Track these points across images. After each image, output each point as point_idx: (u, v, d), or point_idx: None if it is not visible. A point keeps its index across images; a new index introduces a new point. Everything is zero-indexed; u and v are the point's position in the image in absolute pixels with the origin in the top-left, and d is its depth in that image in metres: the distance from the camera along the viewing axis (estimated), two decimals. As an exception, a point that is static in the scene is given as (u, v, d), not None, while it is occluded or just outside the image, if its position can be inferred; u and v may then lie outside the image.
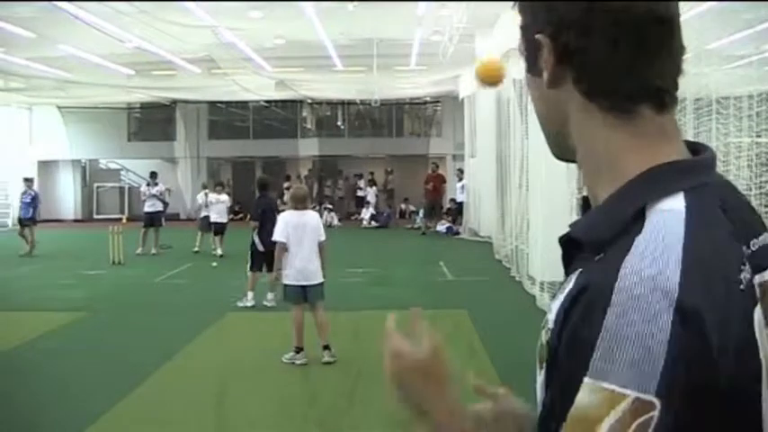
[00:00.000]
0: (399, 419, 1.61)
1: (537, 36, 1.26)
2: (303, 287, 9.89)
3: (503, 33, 17.88)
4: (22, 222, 22.82)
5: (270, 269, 13.98)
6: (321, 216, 15.12)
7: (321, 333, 10.03)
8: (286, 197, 23.55)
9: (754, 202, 7.05)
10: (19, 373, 9.89)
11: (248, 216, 15.82)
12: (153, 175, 24.06)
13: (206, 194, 23.18)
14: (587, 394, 1.07)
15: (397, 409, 1.59)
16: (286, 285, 10.00)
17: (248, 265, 14.25)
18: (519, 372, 8.00)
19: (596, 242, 1.19)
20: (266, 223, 14.06)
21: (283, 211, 11.69)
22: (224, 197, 22.21)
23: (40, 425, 7.90)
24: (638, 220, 1.16)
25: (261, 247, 13.99)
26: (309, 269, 9.91)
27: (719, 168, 6.67)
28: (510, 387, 1.83)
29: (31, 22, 19.69)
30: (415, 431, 1.56)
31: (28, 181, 24.54)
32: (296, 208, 10.17)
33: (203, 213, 22.73)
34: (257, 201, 14.74)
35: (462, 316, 12.83)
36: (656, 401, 1.03)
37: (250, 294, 14.10)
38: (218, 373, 9.76)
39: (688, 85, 8.87)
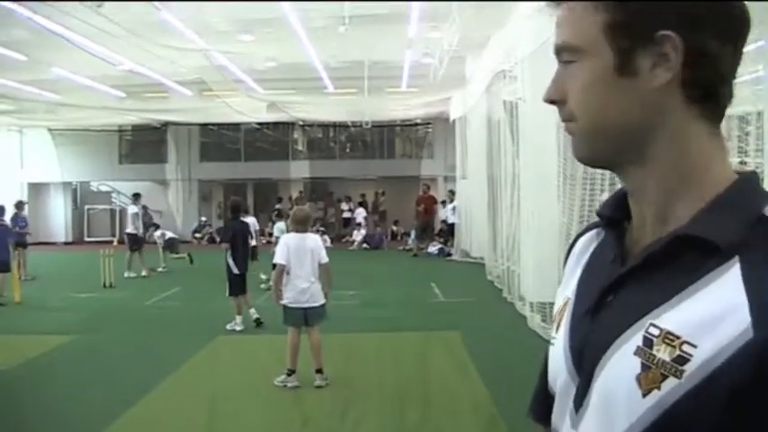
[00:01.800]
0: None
1: (663, 33, 1.22)
2: (304, 309, 9.86)
3: (493, 56, 17.99)
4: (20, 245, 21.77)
5: (244, 293, 14.05)
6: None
7: (315, 356, 10.00)
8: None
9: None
10: (10, 397, 9.84)
11: (220, 240, 15.89)
12: (135, 196, 24.03)
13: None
14: None
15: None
16: (285, 308, 9.95)
17: (227, 292, 14.24)
18: (511, 392, 8.02)
19: (729, 244, 1.17)
20: (238, 246, 14.11)
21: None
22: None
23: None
24: (763, 223, 1.18)
25: (236, 270, 14.02)
26: (311, 291, 9.86)
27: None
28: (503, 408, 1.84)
29: (22, 45, 19.73)
30: None
31: (22, 204, 24.27)
32: (297, 230, 10.13)
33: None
34: (229, 224, 14.76)
35: (454, 337, 12.83)
36: None
37: (238, 318, 14.08)
38: (210, 395, 9.72)
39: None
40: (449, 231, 29.56)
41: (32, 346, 12.70)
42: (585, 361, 1.31)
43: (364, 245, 33.03)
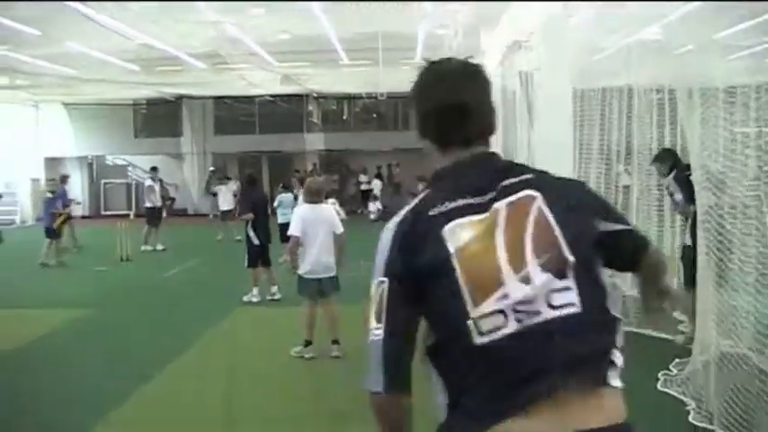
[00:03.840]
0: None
1: None
2: (319, 280, 9.90)
3: (508, 26, 17.90)
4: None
5: (265, 264, 14.03)
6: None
7: (331, 327, 10.06)
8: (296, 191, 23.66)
9: (762, 190, 6.99)
10: (29, 370, 9.94)
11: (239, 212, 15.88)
12: (152, 169, 24.07)
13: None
14: None
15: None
16: (300, 278, 10.00)
17: (245, 262, 14.28)
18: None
19: None
20: (258, 217, 14.11)
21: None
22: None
23: (50, 421, 7.94)
24: None
25: (256, 241, 14.05)
26: (324, 262, 9.92)
27: (726, 157, 6.62)
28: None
29: (37, 20, 19.71)
30: None
31: (65, 178, 24.56)
32: (311, 202, 10.15)
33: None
34: (246, 195, 14.75)
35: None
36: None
37: (255, 290, 14.15)
38: (228, 366, 9.81)
39: (694, 76, 8.87)
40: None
41: (50, 320, 12.83)
42: None
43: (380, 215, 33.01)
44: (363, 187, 36.98)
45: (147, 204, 22.94)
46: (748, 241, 7.10)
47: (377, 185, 35.38)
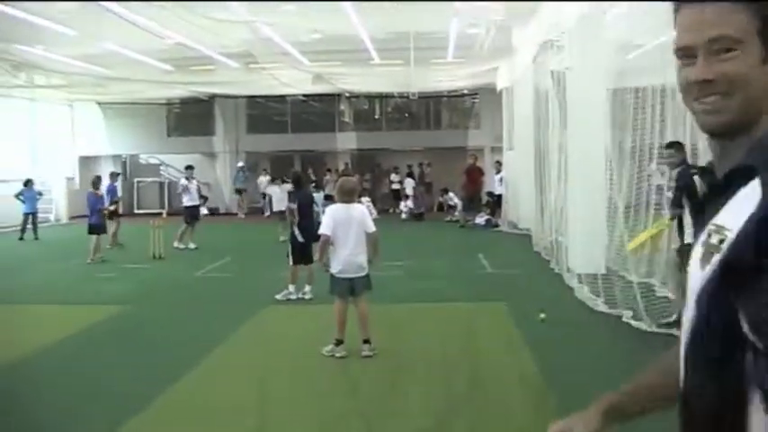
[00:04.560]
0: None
1: None
2: (350, 279, 9.93)
3: (540, 25, 17.85)
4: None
5: (307, 262, 14.08)
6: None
7: (362, 326, 10.06)
8: (328, 189, 23.74)
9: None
10: (64, 366, 10.03)
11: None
12: (189, 168, 24.17)
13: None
14: None
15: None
16: (332, 277, 10.03)
17: (290, 259, 14.32)
18: (558, 363, 8.02)
19: (758, 165, 1.62)
20: (304, 216, 14.20)
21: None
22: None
23: (83, 415, 8.00)
24: None
25: (301, 239, 14.10)
26: (356, 262, 9.93)
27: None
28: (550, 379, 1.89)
29: (71, 20, 19.94)
30: None
31: (114, 175, 24.93)
32: (343, 201, 10.16)
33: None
34: (293, 194, 14.79)
35: (501, 308, 12.84)
36: None
37: (291, 287, 14.20)
38: (259, 365, 9.83)
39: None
40: (495, 203, 29.46)
41: (83, 317, 12.94)
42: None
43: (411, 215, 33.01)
44: (395, 186, 36.99)
45: (186, 203, 22.97)
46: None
47: (409, 184, 35.38)
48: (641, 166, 12.45)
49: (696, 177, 9.80)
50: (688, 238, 9.84)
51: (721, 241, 1.63)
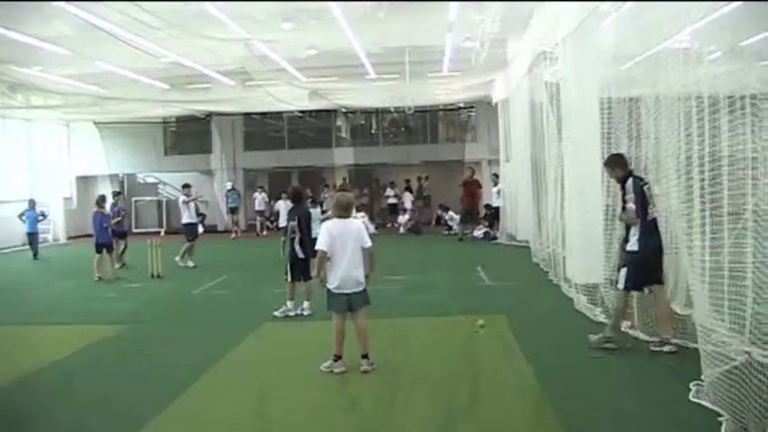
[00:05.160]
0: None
1: None
2: (348, 295, 9.91)
3: (534, 37, 17.89)
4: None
5: (306, 278, 14.09)
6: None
7: (361, 341, 10.05)
8: (326, 205, 23.73)
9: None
10: (63, 385, 10.00)
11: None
12: (186, 186, 24.18)
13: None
14: None
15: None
16: (329, 293, 10.02)
17: (288, 275, 14.32)
18: (557, 375, 8.04)
19: None
20: (303, 232, 14.22)
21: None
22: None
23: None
24: None
25: (301, 255, 14.12)
26: (354, 277, 9.91)
27: (754, 168, 6.59)
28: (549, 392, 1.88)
29: (67, 41, 19.97)
30: None
31: (116, 195, 24.98)
32: (339, 216, 10.15)
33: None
34: (293, 210, 14.79)
35: (500, 320, 12.82)
36: None
37: (290, 303, 14.20)
38: (257, 382, 9.81)
39: (722, 84, 8.82)
40: (493, 215, 29.47)
41: (82, 337, 12.91)
42: None
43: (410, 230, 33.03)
44: (390, 201, 37.04)
45: (185, 220, 22.98)
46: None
47: (407, 198, 35.42)
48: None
49: (646, 188, 10.46)
50: (631, 247, 10.42)
51: None
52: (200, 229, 25.01)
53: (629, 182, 10.60)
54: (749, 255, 7.76)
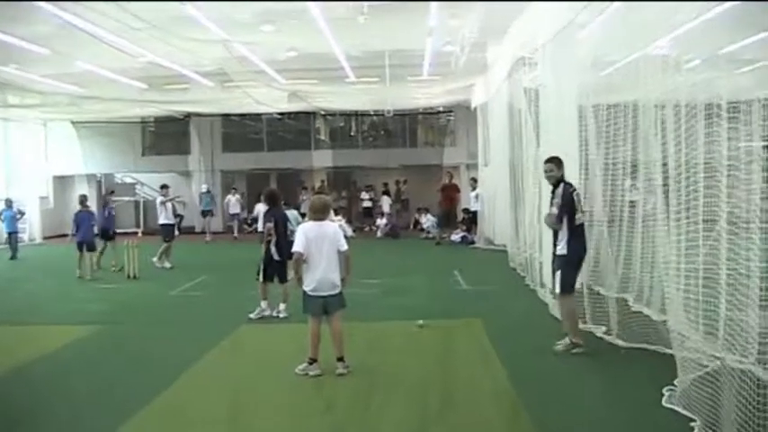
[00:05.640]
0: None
1: None
2: (323, 297, 9.90)
3: (513, 43, 17.94)
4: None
5: (282, 281, 14.11)
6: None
7: (336, 344, 10.04)
8: (303, 208, 23.72)
9: (762, 207, 7.05)
10: (37, 386, 9.93)
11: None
12: (164, 187, 24.07)
13: None
14: None
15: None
16: (305, 295, 10.00)
17: (260, 275, 14.35)
18: (532, 379, 8.06)
19: None
20: (279, 234, 14.23)
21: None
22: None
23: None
24: None
25: (277, 257, 14.17)
26: (329, 280, 9.90)
27: (729, 173, 6.63)
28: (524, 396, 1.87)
29: (46, 39, 19.86)
30: None
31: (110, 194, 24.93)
32: (315, 219, 10.14)
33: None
34: (269, 213, 14.79)
35: (476, 324, 12.84)
36: None
37: (264, 303, 14.21)
38: (233, 384, 9.78)
39: (699, 91, 8.87)
40: (471, 219, 29.52)
41: (57, 337, 12.82)
42: None
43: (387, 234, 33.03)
44: (366, 204, 37.01)
45: (162, 221, 22.93)
46: (752, 256, 7.08)
47: (385, 202, 35.41)
48: (615, 182, 12.48)
49: (576, 195, 10.92)
50: (561, 251, 10.87)
51: None
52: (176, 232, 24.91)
53: (561, 187, 10.99)
54: (723, 261, 7.80)
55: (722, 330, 7.91)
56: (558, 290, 11.02)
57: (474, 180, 30.19)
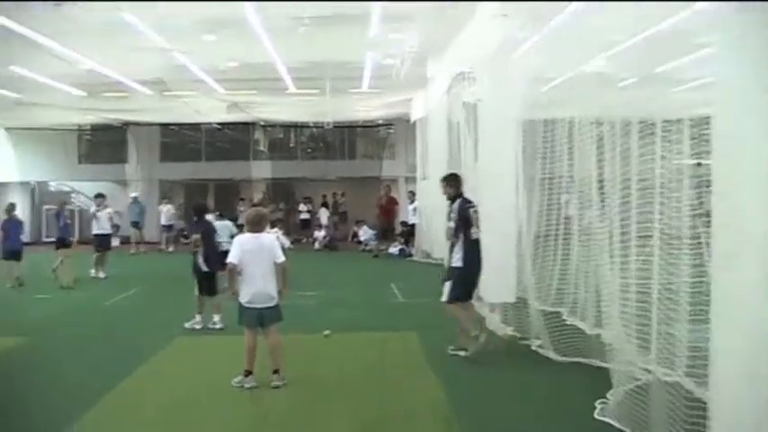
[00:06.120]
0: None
1: None
2: (259, 309, 9.86)
3: (453, 57, 18.06)
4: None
5: (210, 293, 14.12)
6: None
7: (272, 357, 10.01)
8: (241, 220, 23.60)
9: (692, 223, 7.20)
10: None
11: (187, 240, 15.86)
12: (99, 196, 23.75)
13: None
14: None
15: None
16: (241, 307, 9.96)
17: (196, 290, 14.37)
18: (466, 391, 8.09)
19: None
20: (205, 246, 14.25)
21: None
22: None
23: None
24: None
25: (205, 269, 14.27)
26: (265, 292, 9.87)
27: (663, 190, 6.76)
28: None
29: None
30: None
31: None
32: (252, 231, 10.13)
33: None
34: (196, 224, 14.83)
35: (412, 337, 12.89)
36: None
37: (198, 317, 14.20)
38: (168, 397, 9.69)
39: (634, 109, 9.01)
40: (409, 232, 29.61)
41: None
42: None
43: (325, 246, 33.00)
44: (303, 216, 36.88)
45: (96, 231, 22.68)
46: (684, 272, 7.21)
47: (323, 214, 35.37)
48: (551, 197, 12.63)
49: (471, 211, 11.67)
50: (456, 263, 11.65)
51: None
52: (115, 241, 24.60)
53: (457, 203, 11.75)
54: (655, 276, 7.94)
55: (654, 344, 8.05)
56: (445, 298, 11.63)
57: (412, 193, 30.31)
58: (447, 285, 11.64)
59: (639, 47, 11.35)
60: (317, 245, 33.43)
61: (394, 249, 29.12)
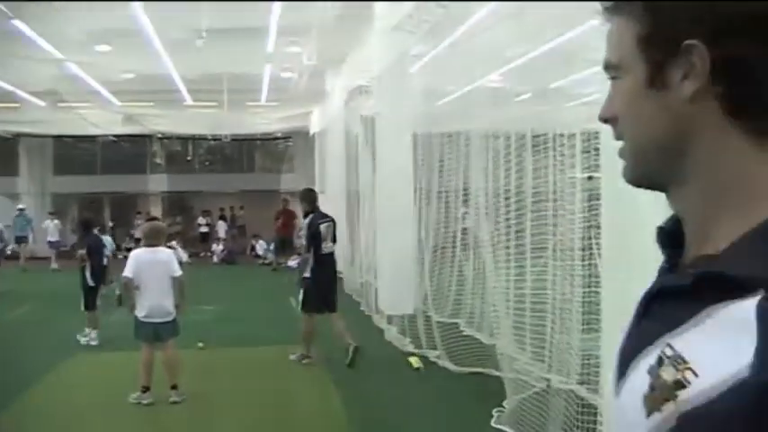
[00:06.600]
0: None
1: (687, 42, 1.12)
2: (155, 324, 9.77)
3: (351, 71, 18.18)
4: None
5: (89, 307, 14.05)
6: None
7: (169, 372, 9.92)
8: (137, 233, 23.31)
9: (585, 234, 7.41)
10: None
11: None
12: None
13: None
14: None
15: None
16: (137, 322, 9.85)
17: (82, 305, 14.17)
18: (363, 402, 8.18)
19: (756, 279, 1.01)
20: (92, 260, 14.12)
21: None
22: None
23: None
24: None
25: (92, 283, 14.12)
26: (162, 306, 9.79)
27: (555, 203, 6.94)
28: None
29: None
30: None
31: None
32: (148, 245, 10.06)
33: None
34: (83, 239, 14.69)
35: (312, 351, 12.89)
36: None
37: (94, 333, 13.96)
38: (63, 415, 9.52)
39: (529, 122, 9.24)
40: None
41: None
42: (620, 369, 1.21)
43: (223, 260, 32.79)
44: (202, 230, 36.56)
45: None
46: (576, 282, 7.41)
47: (221, 227, 35.12)
48: (448, 210, 12.81)
49: (323, 226, 12.07)
50: (306, 274, 12.17)
51: (680, 386, 1.02)
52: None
53: (309, 218, 12.20)
54: (549, 287, 8.14)
55: (548, 352, 8.23)
56: (299, 306, 12.34)
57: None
58: (300, 294, 12.33)
59: (536, 62, 11.62)
60: (215, 258, 33.16)
61: (293, 262, 29.01)
